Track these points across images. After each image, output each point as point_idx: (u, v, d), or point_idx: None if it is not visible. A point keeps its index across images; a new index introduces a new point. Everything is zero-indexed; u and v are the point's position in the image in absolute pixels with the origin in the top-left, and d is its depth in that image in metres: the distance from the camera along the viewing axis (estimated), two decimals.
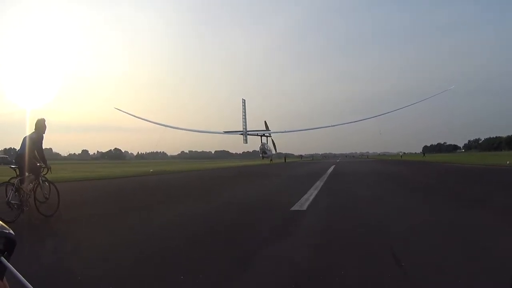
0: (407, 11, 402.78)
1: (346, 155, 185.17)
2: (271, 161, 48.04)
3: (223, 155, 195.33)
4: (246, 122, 40.15)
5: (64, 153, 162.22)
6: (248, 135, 41.10)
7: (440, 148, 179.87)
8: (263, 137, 43.29)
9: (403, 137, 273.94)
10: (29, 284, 0.72)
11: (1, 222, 0.74)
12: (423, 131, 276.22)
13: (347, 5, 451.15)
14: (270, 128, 42.85)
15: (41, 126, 5.95)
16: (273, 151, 45.54)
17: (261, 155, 45.56)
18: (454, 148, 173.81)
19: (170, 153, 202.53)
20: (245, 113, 40.18)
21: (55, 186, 6.25)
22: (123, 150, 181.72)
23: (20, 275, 0.71)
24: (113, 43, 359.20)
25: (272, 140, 43.00)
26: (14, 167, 5.74)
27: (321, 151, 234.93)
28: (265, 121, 42.49)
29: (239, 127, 40.49)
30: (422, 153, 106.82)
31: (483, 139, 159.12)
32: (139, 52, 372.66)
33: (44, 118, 5.98)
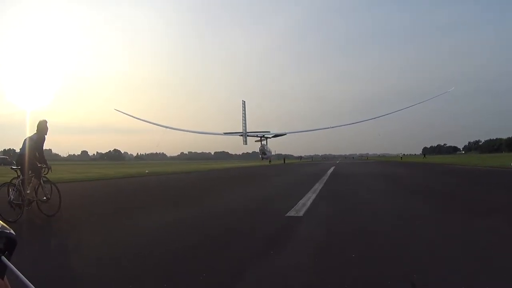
0: (407, 11, 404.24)
1: (345, 157, 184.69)
2: (269, 162, 47.78)
3: (222, 156, 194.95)
4: (246, 124, 39.73)
5: (64, 154, 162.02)
6: (248, 136, 40.66)
7: (440, 150, 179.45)
8: (262, 139, 42.93)
9: (403, 138, 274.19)
10: (30, 283, 0.72)
11: (1, 222, 0.76)
12: (422, 132, 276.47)
13: (347, 5, 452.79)
14: (269, 129, 42.44)
15: (43, 128, 6.01)
16: (272, 152, 45.12)
17: (260, 156, 45.43)
18: (454, 149, 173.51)
19: (169, 154, 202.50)
20: (245, 114, 39.77)
21: (56, 186, 6.26)
22: (123, 151, 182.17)
23: (21, 274, 0.72)
24: (113, 43, 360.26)
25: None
26: (15, 167, 5.81)
27: (320, 152, 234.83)
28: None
29: (239, 128, 40.16)
30: (423, 154, 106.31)
31: (483, 141, 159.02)
32: (139, 52, 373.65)
33: (46, 120, 6.05)
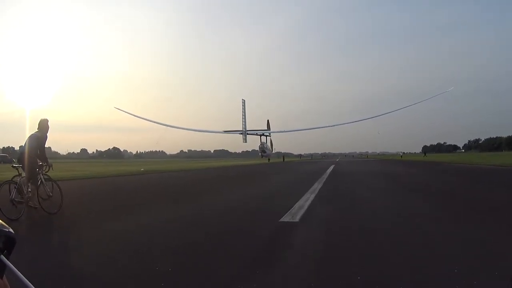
0: (407, 11, 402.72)
1: (345, 155, 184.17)
2: (268, 160, 47.46)
3: (222, 154, 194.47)
4: (245, 122, 39.54)
5: (63, 152, 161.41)
6: (248, 134, 40.45)
7: (440, 148, 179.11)
8: (262, 137, 42.69)
9: (403, 137, 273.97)
10: (29, 282, 0.72)
11: (0, 221, 0.75)
12: (422, 131, 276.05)
13: (347, 5, 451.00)
14: (270, 127, 42.11)
15: (44, 126, 6.01)
16: (272, 150, 44.86)
17: (260, 154, 45.31)
18: (454, 148, 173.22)
19: (169, 152, 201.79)
20: (245, 112, 39.49)
21: (57, 184, 6.23)
22: (122, 149, 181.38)
23: (20, 273, 0.71)
24: (113, 43, 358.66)
25: (271, 140, 42.28)
26: (17, 165, 5.82)
27: (320, 150, 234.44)
28: (267, 120, 41.67)
29: (238, 127, 39.75)
30: (423, 153, 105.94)
31: (483, 139, 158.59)
32: (139, 52, 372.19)
33: (47, 119, 6.05)
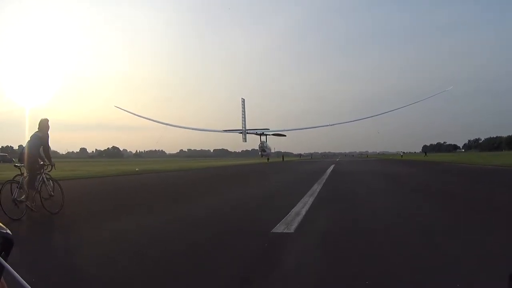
0: (407, 11, 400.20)
1: (345, 154, 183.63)
2: (268, 160, 47.07)
3: (222, 153, 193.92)
4: (245, 121, 39.20)
5: (63, 151, 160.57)
6: (248, 133, 40.09)
7: (440, 148, 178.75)
8: (262, 136, 42.38)
9: (403, 136, 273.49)
10: (26, 284, 0.72)
11: None
12: (422, 131, 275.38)
13: (347, 5, 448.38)
14: (270, 128, 41.93)
15: (44, 126, 6.01)
16: (272, 150, 44.58)
17: (260, 153, 45.19)
18: (454, 148, 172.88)
19: (168, 151, 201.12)
20: (245, 112, 39.12)
21: (58, 184, 6.20)
22: (122, 148, 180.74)
23: (17, 275, 0.71)
24: (113, 43, 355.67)
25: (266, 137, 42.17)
26: (18, 165, 5.81)
27: (320, 150, 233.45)
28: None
29: (238, 127, 39.40)
30: (424, 152, 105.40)
31: (483, 139, 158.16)
32: (139, 52, 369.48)
33: (47, 118, 6.05)
